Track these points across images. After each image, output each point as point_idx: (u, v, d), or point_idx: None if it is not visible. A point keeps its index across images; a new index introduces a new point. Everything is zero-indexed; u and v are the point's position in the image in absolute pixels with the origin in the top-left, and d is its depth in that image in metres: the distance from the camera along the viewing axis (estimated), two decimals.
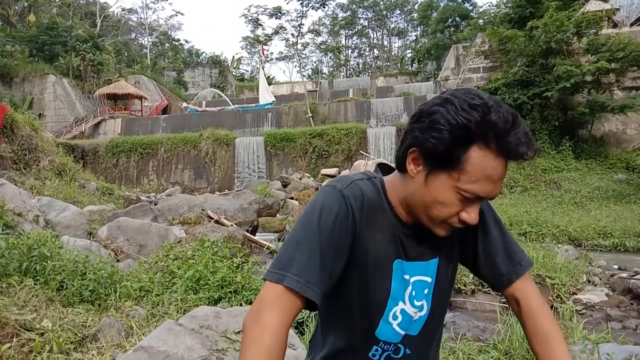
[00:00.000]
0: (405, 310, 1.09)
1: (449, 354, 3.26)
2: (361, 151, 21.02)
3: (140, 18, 54.72)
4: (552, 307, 5.04)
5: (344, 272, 1.03)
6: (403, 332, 1.10)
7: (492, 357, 3.19)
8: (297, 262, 0.95)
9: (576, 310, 4.87)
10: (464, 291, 5.55)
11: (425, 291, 1.10)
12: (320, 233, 0.97)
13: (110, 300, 3.79)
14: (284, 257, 0.97)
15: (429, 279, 1.10)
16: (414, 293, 1.09)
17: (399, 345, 1.12)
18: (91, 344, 2.82)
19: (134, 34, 54.25)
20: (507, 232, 1.18)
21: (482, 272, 1.18)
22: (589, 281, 6.23)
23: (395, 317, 1.08)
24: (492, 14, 29.92)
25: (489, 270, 1.16)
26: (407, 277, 1.08)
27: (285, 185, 17.41)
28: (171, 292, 4.14)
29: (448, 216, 0.99)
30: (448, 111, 0.93)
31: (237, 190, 15.31)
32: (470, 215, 0.98)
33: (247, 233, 8.04)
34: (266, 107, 29.35)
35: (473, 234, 1.14)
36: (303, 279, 0.94)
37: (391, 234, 1.06)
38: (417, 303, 1.10)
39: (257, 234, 9.36)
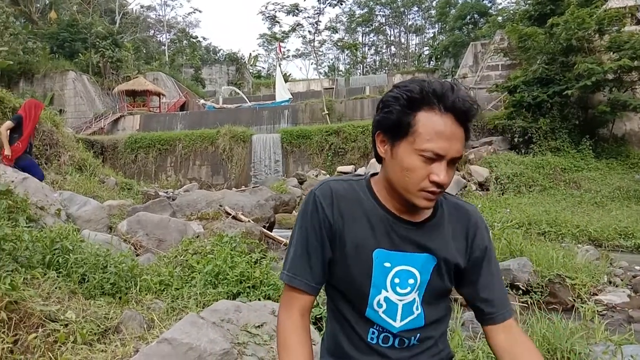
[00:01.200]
0: (388, 297, 1.14)
1: (468, 353, 3.23)
2: None
3: (159, 15, 55.26)
4: (572, 307, 4.98)
5: (331, 261, 1.18)
6: (392, 322, 1.15)
7: None
8: (290, 259, 1.18)
9: (597, 311, 4.80)
10: None
11: (410, 281, 1.15)
12: (302, 232, 1.17)
13: (131, 293, 3.84)
14: (286, 258, 1.21)
15: (414, 271, 1.15)
16: (396, 280, 1.14)
17: (397, 335, 1.17)
18: (113, 335, 2.86)
19: (153, 31, 54.76)
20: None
21: (477, 298, 1.22)
22: (610, 282, 6.13)
23: (380, 305, 1.15)
24: (511, 11, 29.52)
25: (482, 302, 1.21)
26: (387, 264, 1.14)
27: (301, 182, 17.45)
28: (190, 286, 4.17)
29: (419, 180, 1.06)
30: (392, 91, 1.10)
31: (253, 187, 15.39)
32: (439, 176, 1.05)
33: (264, 229, 8.07)
34: (282, 104, 29.40)
35: (479, 261, 1.20)
36: (291, 272, 1.17)
37: (373, 224, 1.14)
38: (400, 290, 1.15)
39: (273, 230, 9.39)
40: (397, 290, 1.15)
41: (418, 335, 1.18)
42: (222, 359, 2.05)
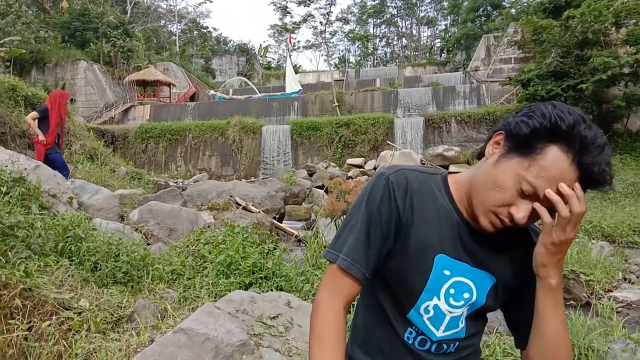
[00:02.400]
0: (438, 306, 1.08)
1: (484, 347, 3.19)
2: (388, 141, 20.86)
3: (170, 5, 55.22)
4: (587, 303, 4.90)
5: (389, 253, 1.09)
6: (435, 331, 1.09)
7: None
8: (348, 243, 1.06)
9: (614, 308, 4.73)
10: None
11: (466, 295, 1.09)
12: (367, 217, 1.06)
13: (143, 282, 3.83)
14: (339, 238, 1.10)
15: (472, 286, 1.09)
16: (452, 291, 1.08)
17: (436, 342, 1.10)
18: (127, 324, 2.85)
19: (163, 21, 54.73)
20: None
21: (516, 320, 1.15)
22: (625, 279, 6.04)
23: (427, 311, 1.09)
24: (525, 3, 29.14)
25: (519, 322, 1.14)
26: (447, 272, 1.07)
27: (311, 174, 17.40)
28: (202, 276, 4.15)
29: (499, 203, 0.98)
30: (546, 107, 0.97)
31: (263, 178, 15.37)
32: (519, 213, 0.97)
33: (274, 220, 8.05)
34: (292, 95, 29.35)
35: (527, 282, 1.09)
36: (350, 258, 1.05)
37: (442, 227, 1.07)
38: (453, 302, 1.08)
39: (283, 221, 9.37)
40: (450, 302, 1.08)
41: (457, 344, 1.13)
42: (239, 350, 2.02)
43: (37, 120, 7.42)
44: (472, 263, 1.08)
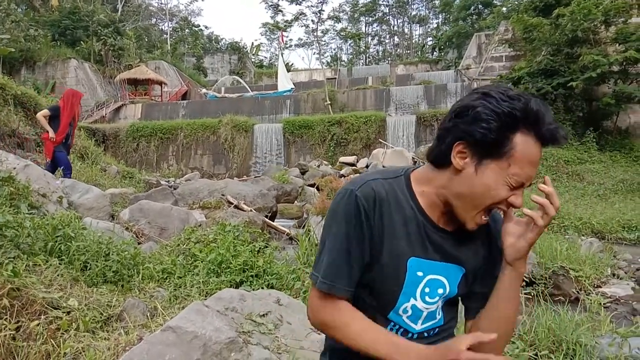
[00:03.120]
0: (416, 305, 1.13)
1: None
2: (380, 139, 20.89)
3: (161, 3, 54.87)
4: (576, 299, 4.96)
5: (366, 265, 1.12)
6: (414, 326, 1.15)
7: (517, 348, 3.14)
8: (325, 264, 1.10)
9: (602, 303, 4.78)
10: None
11: (440, 290, 1.14)
12: (339, 237, 1.08)
13: (134, 281, 3.82)
14: (318, 260, 1.13)
15: (444, 281, 1.14)
16: (427, 290, 1.13)
17: (416, 333, 1.16)
18: (116, 323, 2.84)
19: (155, 20, 54.40)
20: None
21: (473, 292, 1.21)
22: (614, 274, 6.11)
23: (405, 311, 1.14)
24: (516, 2, 29.28)
25: (475, 295, 1.20)
26: (420, 273, 1.12)
27: (303, 173, 17.37)
28: (193, 274, 4.15)
29: (499, 200, 1.05)
30: (490, 102, 1.00)
31: (255, 177, 15.35)
32: (518, 200, 1.04)
33: (266, 219, 8.04)
34: (285, 94, 29.30)
35: (490, 261, 1.17)
36: (329, 280, 1.09)
37: (409, 231, 1.11)
38: (428, 300, 1.14)
39: (275, 220, 9.37)
40: (426, 300, 1.13)
41: (437, 330, 1.20)
42: (227, 347, 2.03)
43: (47, 117, 7.43)
44: (442, 259, 1.13)
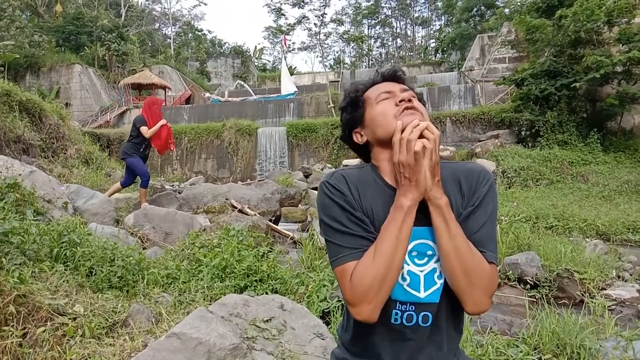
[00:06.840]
0: (411, 270, 1.17)
1: (477, 347, 3.22)
2: None
3: (164, 8, 55.17)
4: (581, 302, 4.94)
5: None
6: (417, 294, 1.17)
7: (521, 352, 3.13)
8: (332, 252, 1.18)
9: (606, 306, 4.76)
10: None
11: (429, 252, 1.18)
12: (333, 221, 1.17)
13: (139, 286, 3.83)
14: (333, 249, 1.18)
15: (430, 243, 1.18)
16: (414, 253, 1.17)
17: (415, 312, 1.18)
18: (122, 329, 2.86)
19: (158, 24, 54.66)
20: (495, 224, 1.23)
21: None
22: (619, 276, 6.08)
23: (404, 279, 1.17)
24: (519, 3, 29.22)
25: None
26: None
27: (307, 176, 17.39)
28: (197, 279, 4.17)
29: (393, 110, 1.21)
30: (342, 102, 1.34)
31: (259, 180, 15.37)
32: (399, 95, 1.24)
33: (270, 223, 8.06)
34: (288, 97, 29.34)
35: (471, 204, 1.20)
36: (338, 256, 1.15)
37: (385, 203, 1.18)
38: (419, 262, 1.18)
39: (279, 223, 9.38)
40: (417, 262, 1.18)
41: (443, 312, 1.20)
42: (231, 353, 2.04)
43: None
44: (421, 223, 1.16)
